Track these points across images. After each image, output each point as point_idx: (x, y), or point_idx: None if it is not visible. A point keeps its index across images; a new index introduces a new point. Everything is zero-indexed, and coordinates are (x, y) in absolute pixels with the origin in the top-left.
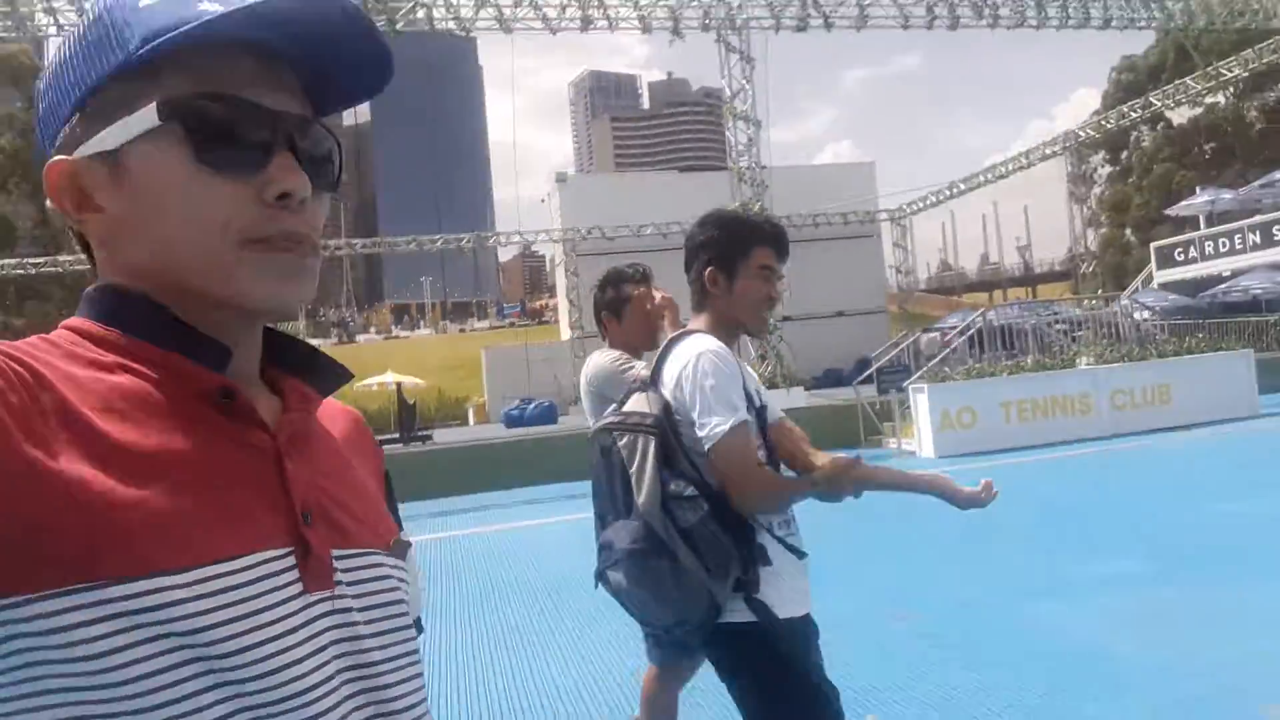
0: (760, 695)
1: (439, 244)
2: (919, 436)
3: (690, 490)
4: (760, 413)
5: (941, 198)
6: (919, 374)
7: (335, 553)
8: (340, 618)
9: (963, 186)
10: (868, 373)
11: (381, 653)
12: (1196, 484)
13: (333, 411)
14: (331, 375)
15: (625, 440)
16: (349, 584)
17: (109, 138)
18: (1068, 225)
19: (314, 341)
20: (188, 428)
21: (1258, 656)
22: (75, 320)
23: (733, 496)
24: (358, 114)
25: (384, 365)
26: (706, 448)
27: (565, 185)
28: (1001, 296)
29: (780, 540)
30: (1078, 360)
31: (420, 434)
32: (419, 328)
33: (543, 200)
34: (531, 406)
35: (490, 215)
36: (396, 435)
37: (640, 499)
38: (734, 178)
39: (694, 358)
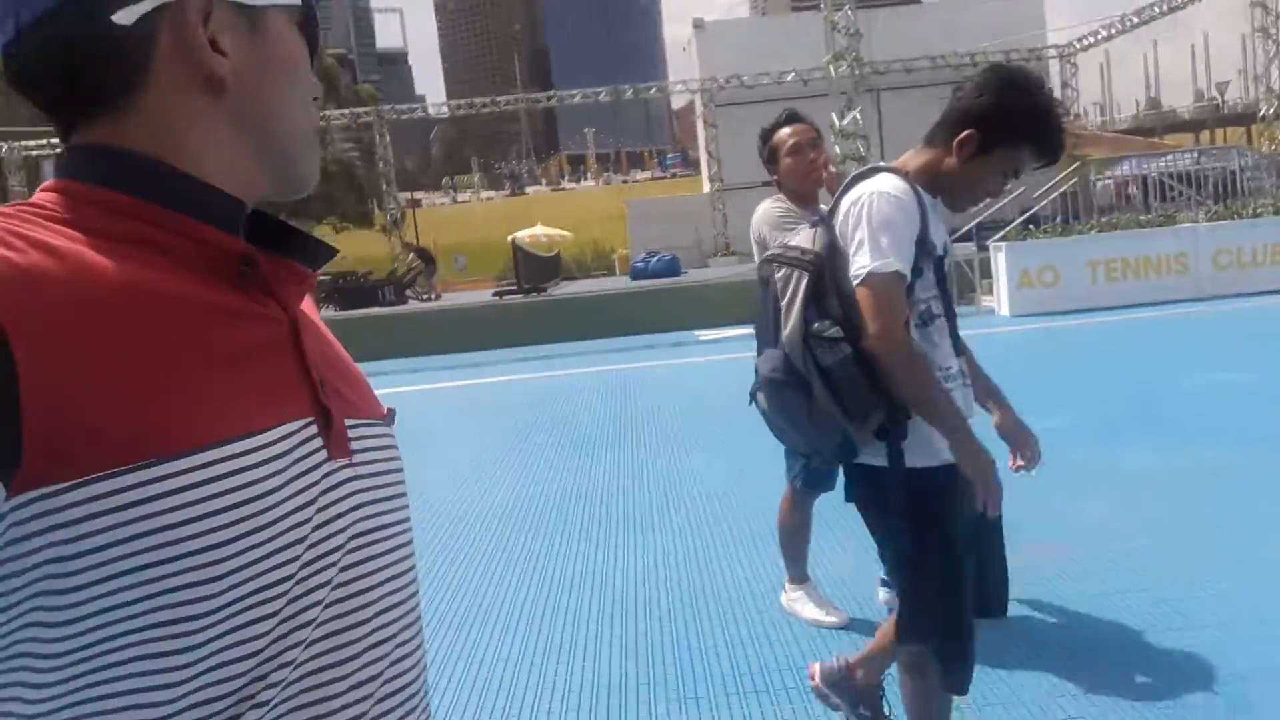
0: (888, 535)
1: (601, 96)
2: (998, 295)
3: (834, 331)
4: (939, 262)
5: (1113, 32)
6: (1005, 230)
7: (348, 422)
8: (361, 483)
9: (1135, 20)
10: (967, 227)
11: (392, 515)
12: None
13: None
14: (319, 252)
15: (781, 273)
16: (359, 452)
17: None
18: (1246, 62)
19: (487, 194)
20: (211, 298)
21: (1033, 505)
22: (65, 184)
23: (867, 344)
24: None
25: (546, 217)
26: (853, 285)
27: (703, 31)
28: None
29: None
30: (1177, 218)
31: (538, 286)
32: (585, 179)
33: (684, 48)
34: (655, 260)
35: (662, 61)
36: (514, 285)
37: (785, 332)
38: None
39: (869, 195)
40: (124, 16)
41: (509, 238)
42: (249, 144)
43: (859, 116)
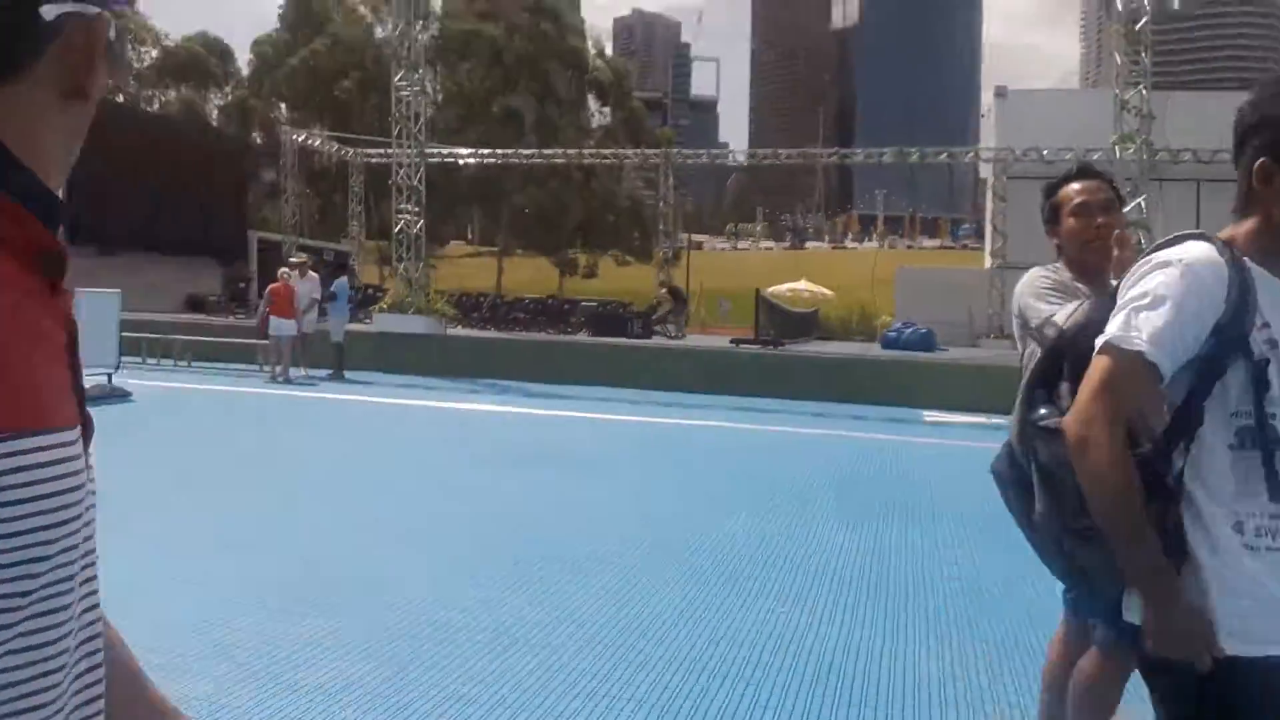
0: None
1: (912, 157)
2: None
3: (1054, 421)
4: (1259, 374)
5: None
6: None
7: None
8: (91, 498)
9: None
10: None
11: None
12: None
13: None
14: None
15: (1027, 350)
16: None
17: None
18: None
19: (766, 244)
20: (24, 288)
21: None
22: None
23: (1062, 422)
24: (846, 16)
25: (818, 273)
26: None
27: (1004, 100)
28: None
29: (1239, 526)
30: None
31: (777, 340)
32: (869, 240)
33: (983, 115)
34: (910, 331)
35: (975, 125)
36: (752, 337)
37: (1012, 418)
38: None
39: (1154, 262)
40: (49, 10)
41: (757, 289)
42: (66, 154)
43: (1144, 205)
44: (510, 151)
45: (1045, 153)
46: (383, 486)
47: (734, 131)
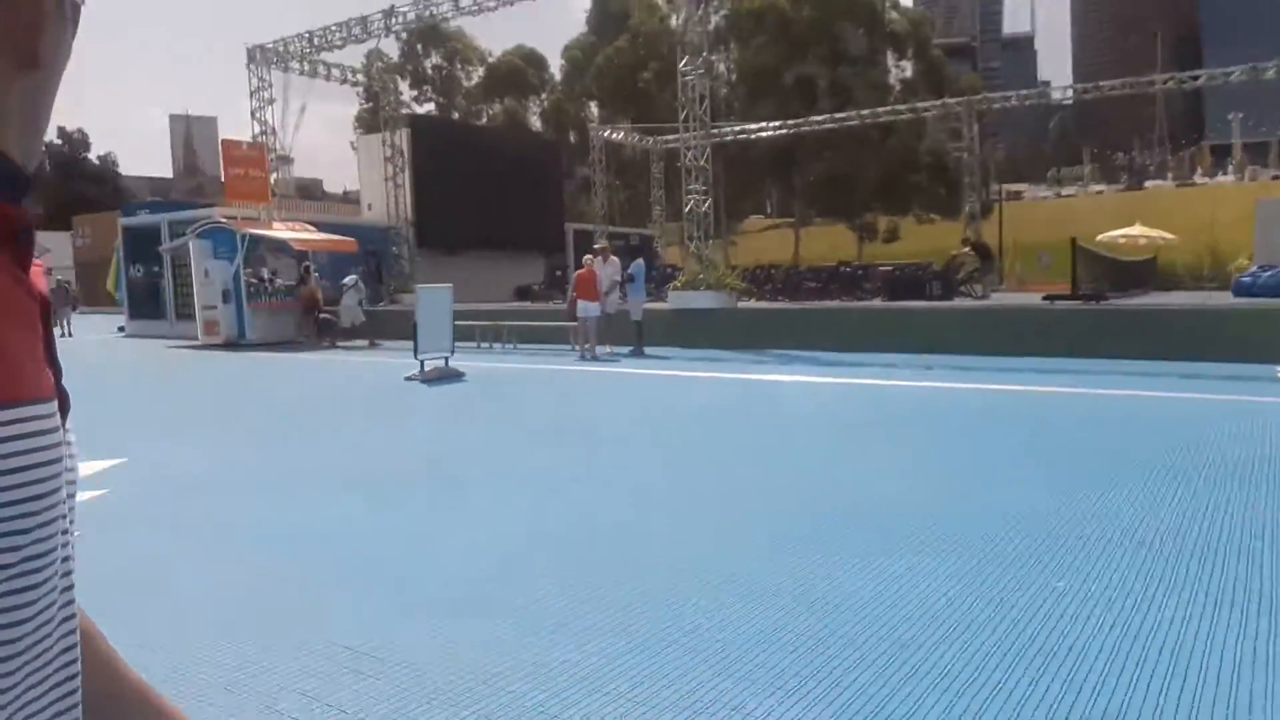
0: None
1: (1269, 72)
2: None
3: None
4: None
5: None
6: None
7: None
8: (69, 463)
9: None
10: None
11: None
12: None
13: None
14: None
15: None
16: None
17: None
18: None
19: (1097, 188)
20: (3, 260)
21: None
22: None
23: None
24: None
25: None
26: None
27: None
28: None
29: None
30: None
31: (1091, 294)
32: (1223, 174)
33: None
34: (1269, 274)
35: None
36: (1069, 292)
37: None
38: None
39: None
40: None
41: (1073, 239)
42: (27, 123)
43: None
44: (801, 120)
45: None
46: (666, 449)
47: (1055, 68)
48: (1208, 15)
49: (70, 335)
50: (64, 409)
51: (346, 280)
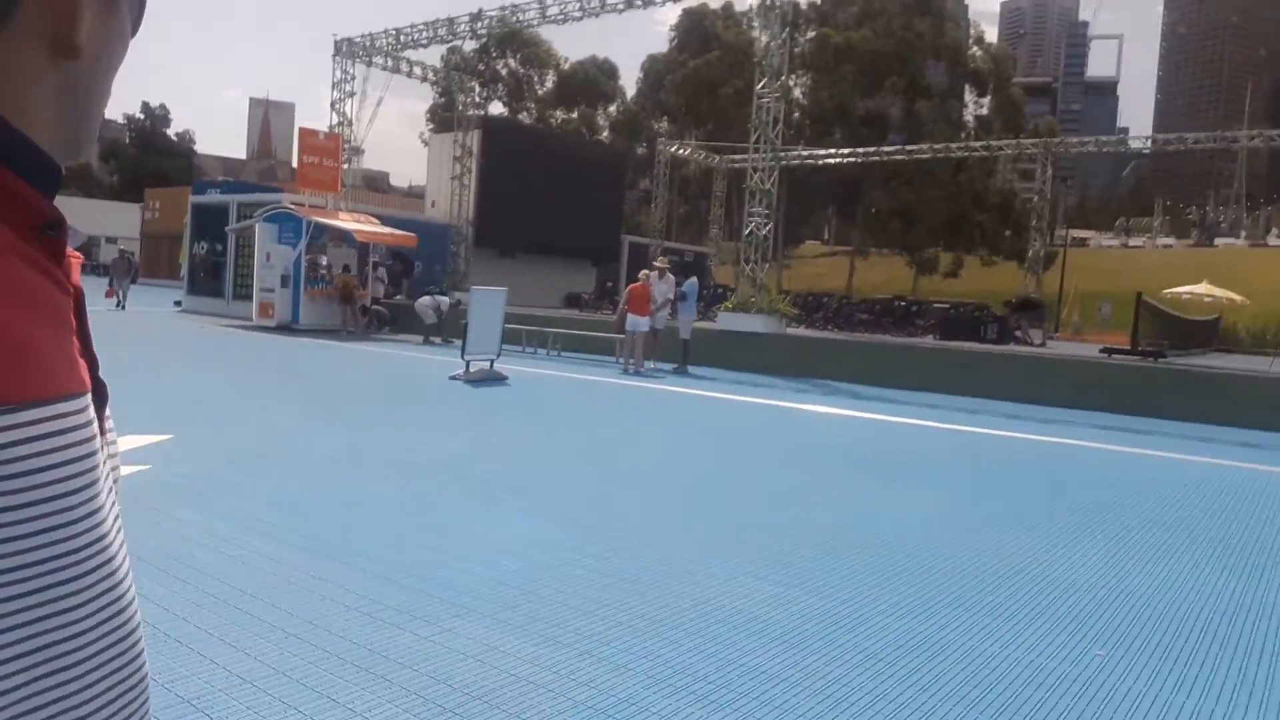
0: None
1: None
2: None
3: None
4: None
5: None
6: None
7: None
8: (112, 461)
9: None
10: None
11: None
12: None
13: None
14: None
15: None
16: (106, 432)
17: None
18: None
19: (1165, 241)
20: (21, 255)
21: None
22: None
23: None
24: None
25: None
26: None
27: None
28: None
29: None
30: None
31: (1151, 350)
32: None
33: None
34: None
35: None
36: (1129, 347)
37: None
38: None
39: None
40: None
41: (1138, 292)
42: (69, 114)
43: None
44: (872, 150)
45: None
46: (695, 473)
47: (1137, 116)
48: None
49: (124, 308)
50: (102, 400)
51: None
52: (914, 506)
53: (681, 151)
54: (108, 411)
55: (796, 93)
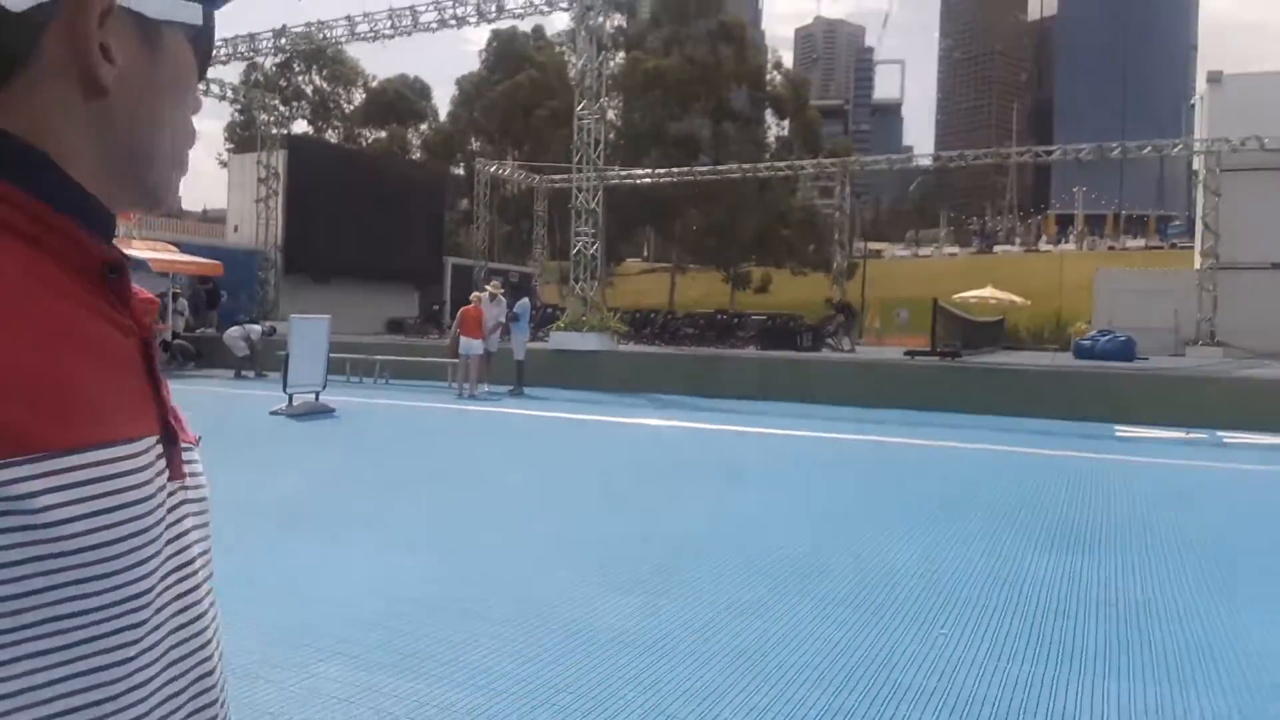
0: None
1: (1112, 152)
2: None
3: None
4: None
5: None
6: None
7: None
8: (190, 507)
9: None
10: None
11: (207, 542)
12: None
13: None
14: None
15: None
16: (189, 475)
17: (152, 3)
18: None
19: (950, 250)
20: (75, 299)
21: None
22: None
23: None
24: (1044, 7)
25: (1008, 279)
26: None
27: (1218, 87)
28: None
29: None
30: None
31: (949, 350)
32: (1066, 242)
33: (1192, 103)
34: (1106, 339)
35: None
36: (928, 348)
37: None
38: None
39: None
40: (16, 2)
41: (934, 299)
42: (113, 154)
43: None
44: (685, 170)
45: (1266, 141)
46: (542, 494)
47: (920, 134)
48: (1061, 92)
49: None
50: (172, 441)
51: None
52: (757, 508)
53: (501, 172)
54: (194, 454)
55: (611, 114)
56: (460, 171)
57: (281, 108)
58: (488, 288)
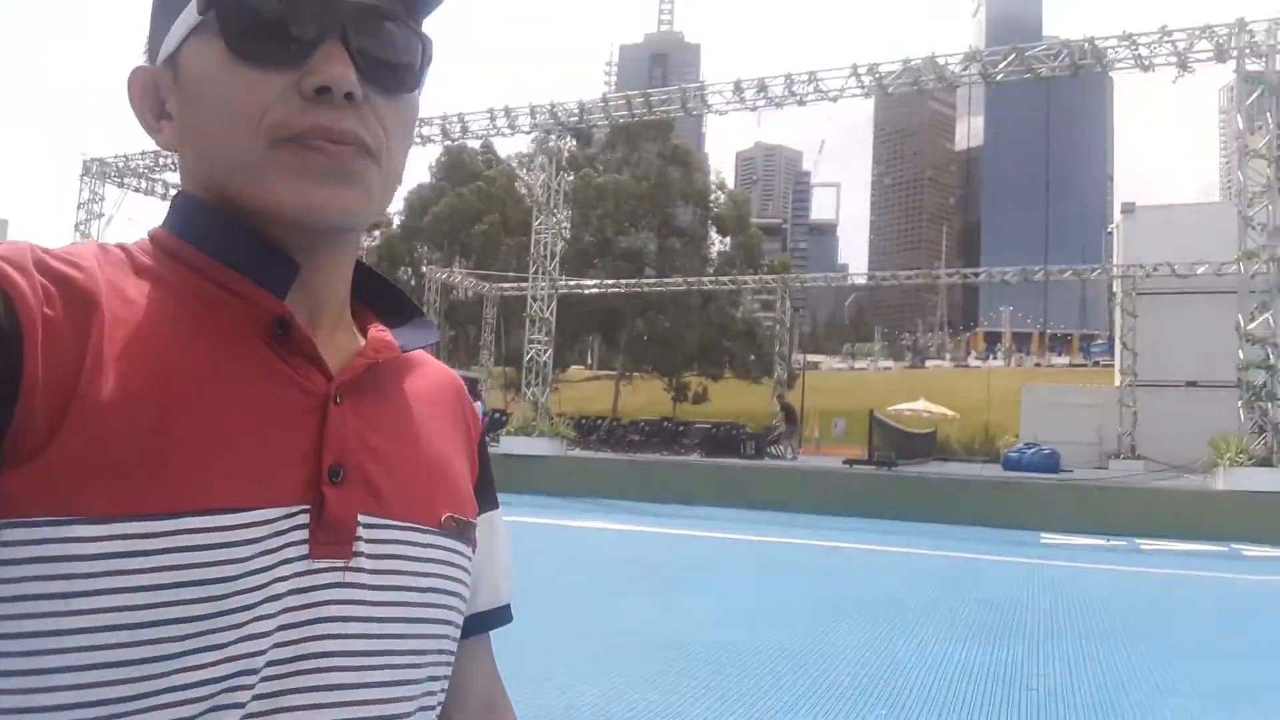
0: None
1: (1036, 275)
2: None
3: None
4: None
5: None
6: None
7: (365, 519)
8: (351, 592)
9: None
10: None
11: (388, 640)
12: None
13: (432, 374)
14: (419, 330)
15: None
16: (373, 557)
17: (172, 39)
18: None
19: (885, 364)
20: (229, 357)
21: None
22: (155, 229)
23: None
24: (970, 138)
25: (939, 393)
26: None
27: (1131, 217)
28: None
29: None
30: None
31: (885, 460)
32: (994, 358)
33: (1109, 231)
34: (1032, 452)
35: (1105, 244)
36: (866, 457)
37: None
38: None
39: None
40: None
41: (871, 410)
42: (216, 186)
43: (1272, 320)
44: (634, 282)
45: (1177, 267)
46: None
47: (854, 254)
48: (988, 216)
49: None
50: (321, 510)
51: None
52: (699, 610)
53: (450, 279)
54: (362, 531)
55: (563, 230)
56: (408, 278)
57: None
58: None
